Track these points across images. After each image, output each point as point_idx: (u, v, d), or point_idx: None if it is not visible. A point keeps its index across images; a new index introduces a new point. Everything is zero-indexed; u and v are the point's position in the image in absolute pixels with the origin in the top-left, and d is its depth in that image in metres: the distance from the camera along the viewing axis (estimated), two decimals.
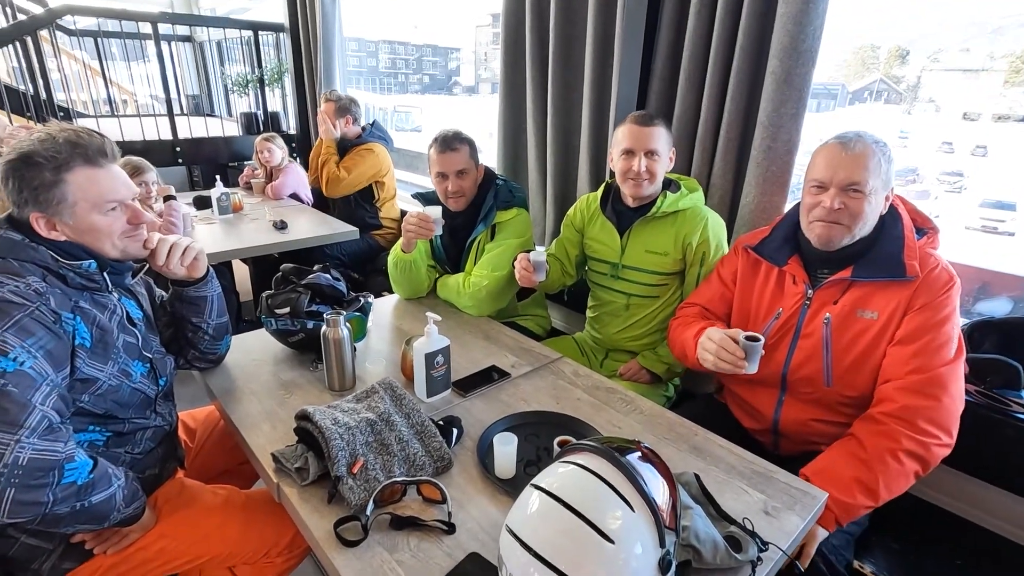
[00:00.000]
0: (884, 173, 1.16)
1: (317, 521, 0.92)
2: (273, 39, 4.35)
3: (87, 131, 1.02)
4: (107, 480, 0.95)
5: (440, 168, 1.71)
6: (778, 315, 1.29)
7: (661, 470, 0.78)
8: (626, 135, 1.54)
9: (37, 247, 0.98)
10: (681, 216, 1.59)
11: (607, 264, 1.72)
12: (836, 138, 1.20)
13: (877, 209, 1.18)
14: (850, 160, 1.15)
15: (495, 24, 8.48)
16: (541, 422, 1.20)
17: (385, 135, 3.15)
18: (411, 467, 1.02)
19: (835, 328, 1.22)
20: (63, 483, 0.87)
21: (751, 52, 1.57)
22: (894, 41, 3.64)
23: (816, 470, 1.11)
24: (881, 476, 1.07)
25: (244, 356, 1.45)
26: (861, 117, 9.72)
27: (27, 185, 0.96)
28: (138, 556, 1.08)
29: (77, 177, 0.98)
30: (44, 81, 3.65)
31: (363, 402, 1.13)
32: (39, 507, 0.85)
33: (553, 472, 0.77)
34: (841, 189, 1.17)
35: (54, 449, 0.87)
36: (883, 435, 1.09)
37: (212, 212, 2.94)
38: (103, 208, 1.01)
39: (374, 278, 2.91)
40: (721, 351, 1.15)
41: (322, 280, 1.43)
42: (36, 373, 0.89)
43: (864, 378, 1.22)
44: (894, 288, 1.17)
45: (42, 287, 0.94)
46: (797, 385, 1.30)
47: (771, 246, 1.33)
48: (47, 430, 0.87)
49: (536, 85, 2.20)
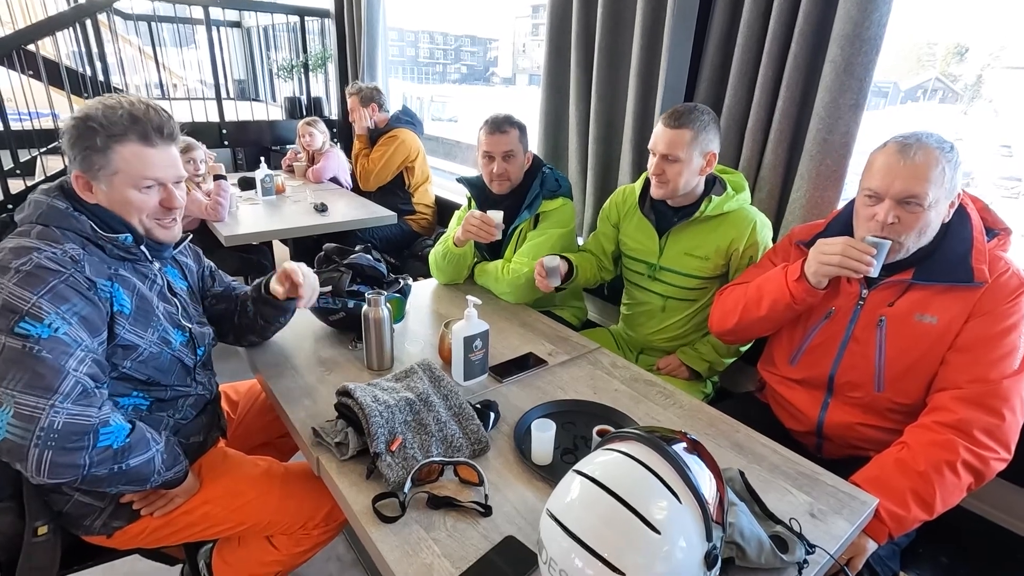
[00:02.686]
0: (948, 181, 1.07)
1: (355, 496, 0.93)
2: (318, 26, 4.41)
3: (155, 108, 1.03)
4: (145, 444, 0.97)
5: (487, 148, 1.70)
6: (830, 314, 1.24)
7: (708, 463, 0.76)
8: (654, 133, 1.50)
9: (79, 217, 1.00)
10: (726, 220, 1.51)
11: (643, 264, 1.67)
12: (896, 141, 1.10)
13: (938, 220, 1.10)
14: (909, 171, 1.06)
15: (535, 15, 8.37)
16: (578, 411, 1.18)
17: (414, 119, 3.16)
18: (448, 448, 1.02)
19: (890, 331, 1.17)
20: (99, 447, 0.90)
21: (810, 39, 1.50)
22: (952, 37, 3.44)
23: (868, 478, 1.06)
24: (938, 489, 1.02)
25: (286, 332, 1.46)
26: (913, 117, 9.23)
27: (79, 144, 0.98)
28: (182, 519, 1.11)
29: (126, 150, 0.99)
30: (102, 64, 3.78)
31: (402, 382, 1.14)
32: (77, 469, 0.88)
33: (596, 459, 0.76)
34: (897, 202, 1.08)
35: (87, 414, 0.89)
36: (940, 446, 1.04)
37: (256, 193, 3.01)
38: (140, 185, 1.02)
39: (408, 264, 2.93)
40: (849, 248, 1.10)
41: (363, 261, 1.44)
42: (70, 339, 0.90)
43: (918, 384, 1.16)
44: (958, 292, 1.11)
45: (79, 254, 0.96)
46: (844, 388, 1.25)
47: None
48: (81, 395, 0.89)
49: (580, 73, 2.17)
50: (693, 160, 1.46)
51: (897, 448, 1.09)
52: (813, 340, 1.27)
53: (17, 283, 0.89)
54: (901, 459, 1.06)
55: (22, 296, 0.88)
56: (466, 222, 1.64)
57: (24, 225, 0.99)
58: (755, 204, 1.71)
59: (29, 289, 0.89)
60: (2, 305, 0.88)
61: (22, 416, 0.85)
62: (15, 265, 0.90)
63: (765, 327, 1.35)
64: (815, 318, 1.27)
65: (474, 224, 1.62)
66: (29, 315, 0.88)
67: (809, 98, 1.55)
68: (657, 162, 1.48)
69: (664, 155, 1.46)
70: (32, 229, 0.97)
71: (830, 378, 1.25)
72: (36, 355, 0.87)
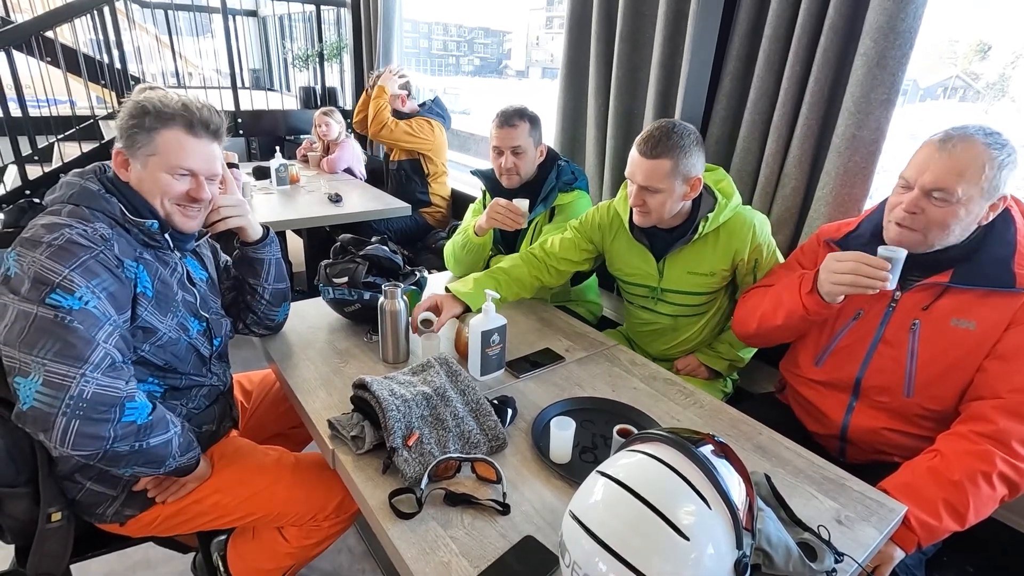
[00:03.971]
0: (990, 180, 1.01)
1: (372, 491, 0.92)
2: (334, 16, 4.39)
3: (209, 107, 1.06)
4: (165, 424, 0.98)
5: (497, 143, 1.67)
6: (858, 315, 1.20)
7: (737, 466, 0.73)
8: (629, 159, 1.38)
9: (110, 199, 1.01)
10: (725, 230, 1.42)
11: (644, 288, 1.57)
12: (944, 131, 1.05)
13: (971, 220, 1.05)
14: (943, 162, 1.02)
15: (549, 8, 8.31)
16: (597, 409, 1.16)
17: (444, 113, 3.14)
18: (465, 444, 1.00)
19: (924, 336, 1.12)
20: (124, 420, 0.90)
21: (842, 31, 1.45)
22: (975, 35, 3.31)
23: (898, 485, 1.02)
24: (972, 499, 0.98)
25: (300, 323, 1.46)
26: (932, 115, 9.11)
27: (128, 122, 1.01)
28: (193, 508, 1.11)
29: (169, 134, 1.02)
30: (120, 52, 3.79)
31: (419, 375, 1.12)
32: (101, 441, 0.88)
33: (620, 460, 0.73)
34: (925, 193, 1.04)
35: (116, 386, 0.90)
36: (977, 456, 0.99)
37: (270, 183, 3.00)
38: (174, 171, 1.03)
39: (423, 256, 2.91)
40: (861, 266, 1.04)
41: (380, 252, 1.42)
42: (100, 312, 0.91)
43: (951, 391, 1.12)
44: (999, 298, 1.06)
45: (108, 233, 0.97)
46: (872, 392, 1.21)
47: (858, 241, 1.21)
48: (110, 367, 0.90)
49: (600, 64, 2.13)
50: (675, 189, 1.34)
51: (929, 456, 1.05)
52: (841, 341, 1.23)
53: (49, 256, 0.90)
54: (934, 467, 1.02)
55: (54, 269, 0.89)
56: (491, 209, 1.60)
57: (55, 205, 1.00)
58: (779, 200, 1.67)
59: (61, 263, 0.90)
60: (34, 277, 0.89)
61: (52, 384, 0.85)
62: (48, 240, 0.91)
63: (786, 335, 1.31)
64: (843, 319, 1.23)
65: (500, 211, 1.57)
66: (61, 287, 0.89)
67: (838, 92, 1.51)
68: (636, 192, 1.37)
69: (644, 187, 1.35)
70: (64, 208, 0.98)
71: (857, 381, 1.21)
72: (68, 325, 0.88)
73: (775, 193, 1.68)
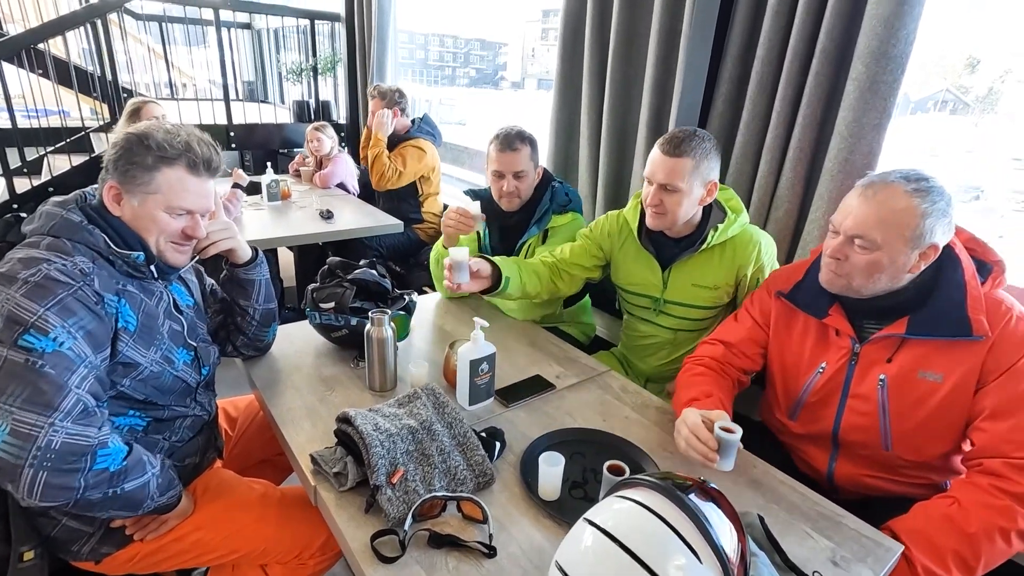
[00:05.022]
0: (912, 229, 0.98)
1: (353, 532, 0.89)
2: (328, 29, 4.38)
3: (209, 142, 1.05)
4: (141, 468, 0.94)
5: (498, 167, 1.65)
6: (821, 370, 1.17)
7: (728, 512, 0.71)
8: (649, 160, 1.39)
9: (93, 231, 0.98)
10: (731, 244, 1.43)
11: (647, 298, 1.56)
12: (867, 177, 1.05)
13: (897, 269, 1.02)
14: (863, 209, 1.02)
15: (545, 20, 8.34)
16: (587, 440, 1.14)
17: (435, 130, 3.13)
18: (452, 480, 0.98)
19: (892, 390, 1.09)
20: (95, 468, 0.86)
21: (833, 56, 1.45)
22: (964, 49, 3.32)
23: (908, 529, 0.99)
24: (984, 554, 0.95)
25: (288, 346, 1.43)
26: (923, 128, 9.22)
27: (127, 158, 0.98)
28: (174, 546, 1.07)
29: (172, 174, 1.01)
30: (111, 63, 3.77)
31: (405, 407, 1.10)
32: (71, 492, 0.84)
33: (608, 508, 0.71)
34: (848, 239, 1.04)
35: (86, 434, 0.86)
36: (997, 511, 0.96)
37: (261, 198, 2.98)
38: (174, 211, 1.02)
39: (415, 272, 2.89)
40: (692, 439, 0.99)
41: (368, 276, 1.40)
42: (75, 355, 0.88)
43: (931, 442, 1.10)
44: (961, 347, 1.02)
45: (88, 267, 0.94)
46: (851, 446, 1.18)
47: (808, 294, 1.18)
48: (82, 414, 0.87)
49: (593, 82, 2.13)
50: (694, 190, 1.36)
51: (946, 502, 1.01)
52: (809, 396, 1.20)
53: (24, 294, 0.87)
54: (950, 516, 0.98)
55: (29, 308, 0.86)
56: (445, 218, 1.57)
57: (34, 236, 0.97)
58: (771, 223, 1.66)
59: (36, 301, 0.87)
60: (7, 316, 0.85)
61: (19, 434, 0.81)
62: (24, 276, 0.88)
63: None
64: (806, 374, 1.20)
65: (452, 218, 1.55)
66: (35, 327, 0.85)
67: (831, 116, 1.50)
68: (655, 192, 1.37)
69: (663, 185, 1.35)
70: (42, 240, 0.95)
71: (834, 434, 1.19)
72: (39, 370, 0.84)
73: (768, 216, 1.67)
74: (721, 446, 0.97)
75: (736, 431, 0.97)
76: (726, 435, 0.96)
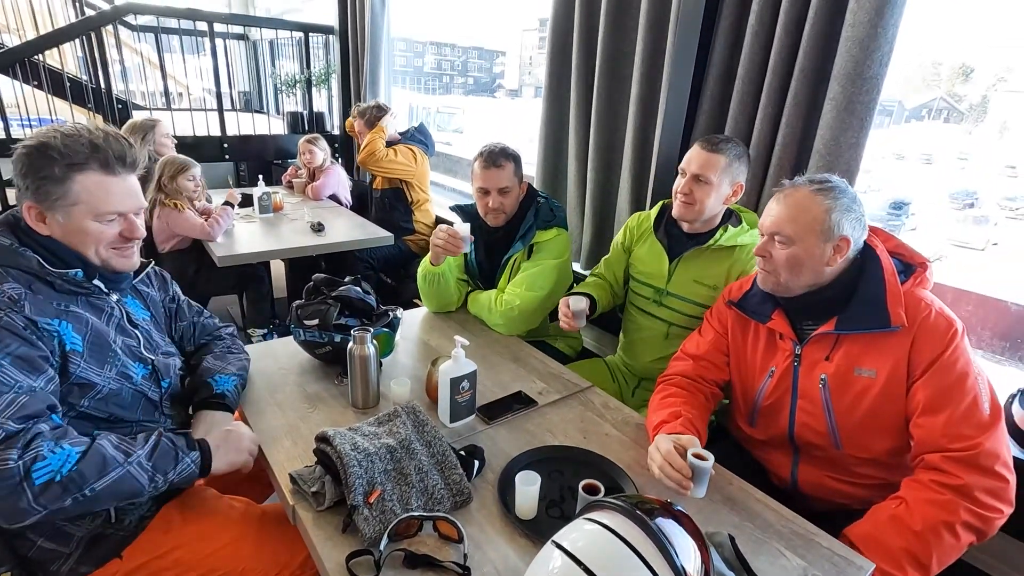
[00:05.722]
0: (821, 223, 1.09)
1: (330, 551, 0.90)
2: (322, 39, 4.42)
3: (115, 135, 1.00)
4: (103, 466, 0.88)
5: (483, 184, 1.68)
6: (771, 373, 1.22)
7: (692, 533, 0.72)
8: (688, 155, 1.50)
9: (25, 252, 0.96)
10: (738, 251, 1.50)
11: (651, 288, 1.64)
12: (782, 184, 1.18)
13: (816, 261, 1.11)
14: (778, 209, 1.14)
15: (541, 29, 8.41)
16: (566, 458, 1.15)
17: (427, 140, 3.15)
18: (429, 500, 0.98)
19: (833, 389, 1.14)
20: (37, 484, 0.82)
21: (811, 76, 1.48)
22: (958, 58, 3.35)
23: (861, 535, 1.03)
24: (935, 550, 0.98)
25: (272, 363, 1.44)
26: (918, 136, 9.39)
27: (34, 174, 0.94)
28: (154, 564, 1.08)
29: (87, 180, 0.96)
30: (105, 74, 3.79)
31: (384, 426, 1.11)
32: (28, 513, 0.82)
33: (577, 529, 0.72)
34: (770, 236, 1.15)
35: (4, 459, 0.81)
36: (940, 506, 0.99)
37: (253, 211, 2.99)
38: (103, 217, 0.99)
39: (406, 284, 2.91)
40: (666, 467, 1.01)
41: (352, 293, 1.41)
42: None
43: (875, 439, 1.13)
44: (886, 341, 1.08)
45: (17, 293, 0.92)
46: (808, 448, 1.23)
47: (754, 300, 1.25)
48: (2, 440, 0.82)
49: (580, 99, 2.15)
50: (723, 186, 1.47)
51: (894, 503, 1.05)
52: (764, 400, 1.24)
53: None
54: (897, 516, 1.02)
55: None
56: (433, 237, 1.63)
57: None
58: None
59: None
60: None
61: None
62: None
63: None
64: (759, 378, 1.25)
65: (441, 239, 1.60)
66: None
67: (809, 134, 1.53)
68: (687, 181, 1.47)
69: (696, 175, 1.45)
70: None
71: (791, 437, 1.23)
72: None
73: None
74: (694, 473, 0.98)
75: (708, 458, 0.98)
76: (698, 462, 0.98)
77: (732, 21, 1.65)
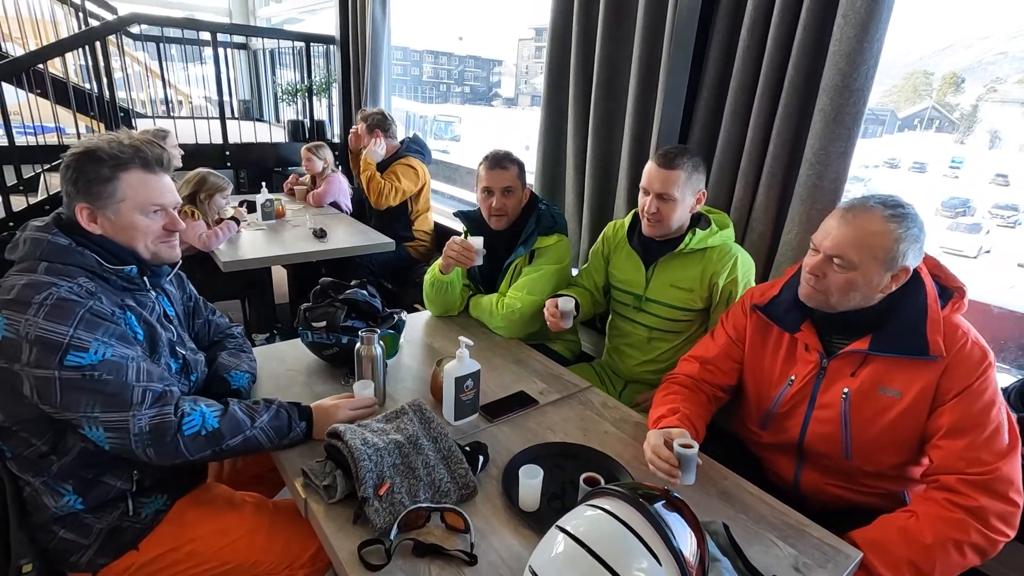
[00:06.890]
0: (888, 252, 1.04)
1: (342, 541, 0.94)
2: (323, 48, 4.48)
3: (150, 141, 1.09)
4: (236, 428, 1.06)
5: (487, 184, 1.74)
6: (790, 382, 1.23)
7: (689, 519, 0.77)
8: (645, 172, 1.54)
9: (83, 251, 1.02)
10: (709, 253, 1.56)
11: (630, 295, 1.70)
12: (849, 201, 1.11)
13: (872, 288, 1.08)
14: (843, 230, 1.07)
15: (538, 38, 8.55)
16: (567, 455, 1.19)
17: (423, 149, 3.20)
18: (436, 492, 1.03)
19: (855, 404, 1.15)
20: (187, 434, 1.00)
21: (800, 88, 1.54)
22: (949, 68, 3.42)
23: (867, 540, 1.05)
24: (939, 565, 1.00)
25: (279, 365, 1.48)
26: (909, 145, 9.43)
27: (83, 176, 1.02)
28: (169, 556, 1.11)
29: (131, 177, 1.05)
30: (108, 82, 3.84)
31: (392, 423, 1.15)
32: (182, 454, 1.00)
33: (579, 515, 0.76)
34: (827, 258, 1.09)
35: (164, 414, 0.99)
36: (952, 524, 1.01)
37: (256, 217, 3.03)
38: (147, 210, 1.07)
39: (407, 289, 2.95)
40: (654, 458, 1.05)
41: (359, 296, 1.45)
42: (119, 357, 0.97)
43: (885, 454, 1.16)
44: (918, 366, 1.08)
45: (92, 286, 1.00)
46: (815, 456, 1.25)
47: (780, 308, 1.24)
48: (156, 399, 0.99)
49: (578, 108, 2.21)
50: (686, 199, 1.52)
51: (905, 515, 1.06)
52: (780, 407, 1.26)
53: (45, 317, 0.92)
54: (907, 528, 1.04)
55: (55, 330, 0.92)
56: (447, 248, 1.68)
57: (27, 262, 1.00)
58: (747, 245, 1.74)
59: (59, 322, 0.92)
60: (37, 340, 0.91)
61: (114, 428, 0.95)
62: (37, 300, 0.93)
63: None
64: (778, 385, 1.26)
65: (454, 251, 1.65)
66: (72, 347, 0.92)
67: (800, 144, 1.59)
68: (651, 200, 1.52)
69: (660, 194, 1.50)
70: (38, 265, 0.98)
71: (800, 444, 1.25)
72: (99, 379, 0.94)
73: (743, 238, 1.75)
74: (681, 462, 1.03)
75: (693, 446, 1.03)
76: (684, 451, 1.02)
77: (725, 35, 1.72)
